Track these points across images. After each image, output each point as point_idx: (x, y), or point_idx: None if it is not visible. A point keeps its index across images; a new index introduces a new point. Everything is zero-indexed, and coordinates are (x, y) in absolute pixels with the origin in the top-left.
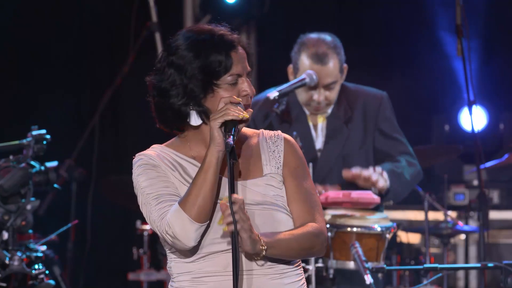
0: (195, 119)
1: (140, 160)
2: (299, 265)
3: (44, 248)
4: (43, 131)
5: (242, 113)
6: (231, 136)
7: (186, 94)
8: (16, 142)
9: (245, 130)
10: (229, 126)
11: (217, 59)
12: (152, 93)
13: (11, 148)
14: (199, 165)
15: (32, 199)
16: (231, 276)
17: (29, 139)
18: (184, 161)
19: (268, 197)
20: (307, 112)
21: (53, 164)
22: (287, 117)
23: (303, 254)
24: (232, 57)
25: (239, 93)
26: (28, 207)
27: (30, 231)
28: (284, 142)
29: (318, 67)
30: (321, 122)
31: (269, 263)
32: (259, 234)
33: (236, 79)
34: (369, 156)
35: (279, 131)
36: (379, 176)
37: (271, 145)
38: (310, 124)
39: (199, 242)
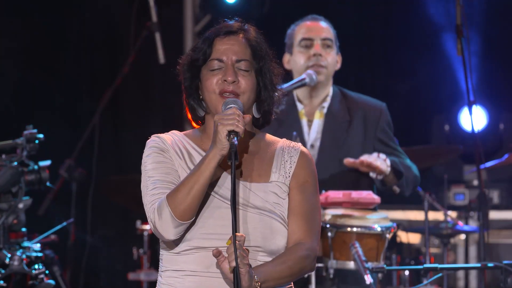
0: (198, 111)
1: (153, 141)
2: None
3: (38, 246)
4: (35, 131)
5: (242, 130)
6: (235, 138)
7: (185, 87)
8: (10, 141)
9: (268, 136)
10: (232, 134)
11: (199, 47)
12: None
13: (5, 147)
14: None
15: (26, 197)
16: (212, 277)
17: (22, 138)
18: (194, 150)
19: (268, 203)
20: (299, 107)
21: (46, 163)
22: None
23: (294, 278)
24: (214, 44)
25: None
26: (20, 205)
27: (24, 229)
28: (299, 155)
29: (311, 23)
30: (317, 118)
31: None
32: (252, 271)
33: (216, 65)
34: None
35: (300, 144)
36: (382, 161)
37: (286, 155)
38: (303, 119)
39: (190, 234)
